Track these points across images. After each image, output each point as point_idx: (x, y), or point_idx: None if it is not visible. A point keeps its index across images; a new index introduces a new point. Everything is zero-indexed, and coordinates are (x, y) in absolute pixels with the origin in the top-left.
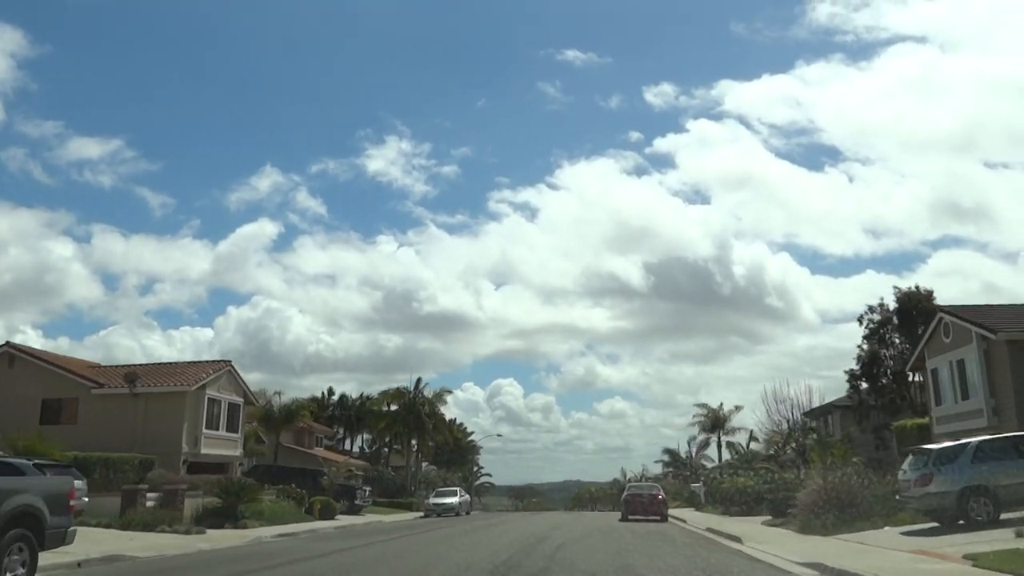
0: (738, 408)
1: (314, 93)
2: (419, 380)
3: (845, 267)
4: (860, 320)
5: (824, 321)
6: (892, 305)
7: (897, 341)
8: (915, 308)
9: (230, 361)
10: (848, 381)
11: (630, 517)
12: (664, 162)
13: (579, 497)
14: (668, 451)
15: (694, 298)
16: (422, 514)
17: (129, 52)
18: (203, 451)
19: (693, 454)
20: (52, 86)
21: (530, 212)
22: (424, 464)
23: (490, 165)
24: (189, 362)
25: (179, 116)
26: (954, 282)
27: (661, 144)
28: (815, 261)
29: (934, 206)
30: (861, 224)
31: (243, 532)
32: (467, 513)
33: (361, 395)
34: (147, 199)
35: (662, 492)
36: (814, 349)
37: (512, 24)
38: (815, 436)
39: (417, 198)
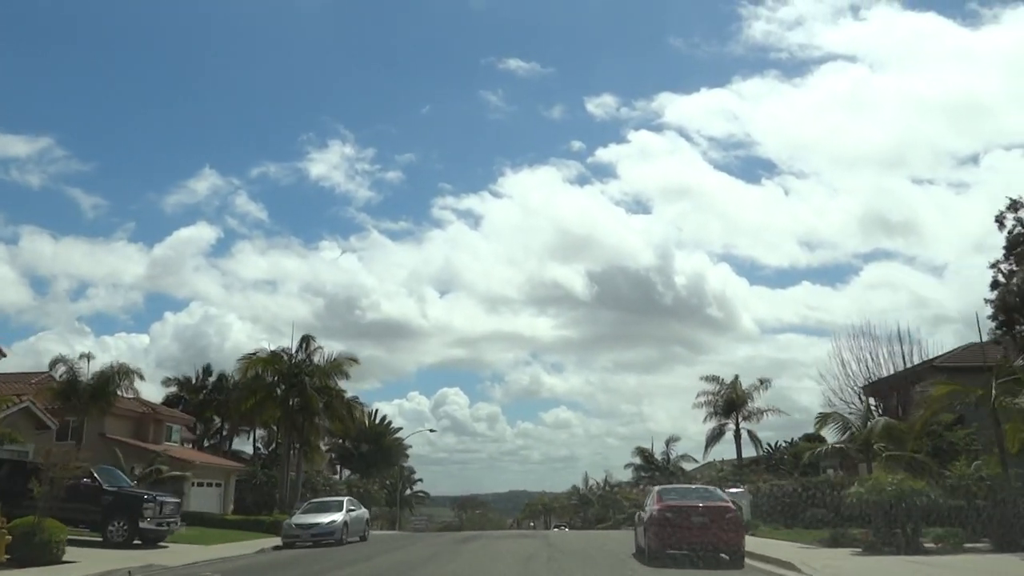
0: (764, 383)
1: (255, 94)
2: (307, 338)
3: (782, 278)
4: (1000, 222)
5: (763, 331)
6: None
7: None
8: None
9: None
10: (993, 317)
11: (670, 551)
12: (606, 172)
13: (531, 508)
14: (641, 451)
15: (637, 307)
16: (281, 543)
17: (59, 47)
18: None
19: (709, 448)
20: None
21: (474, 220)
22: (346, 472)
23: (434, 172)
24: None
25: (113, 114)
26: (884, 294)
27: (603, 154)
28: (753, 272)
29: (865, 220)
30: (796, 236)
31: None
32: (361, 538)
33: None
34: (79, 200)
35: (732, 504)
36: (754, 359)
37: (455, 31)
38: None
39: (360, 204)
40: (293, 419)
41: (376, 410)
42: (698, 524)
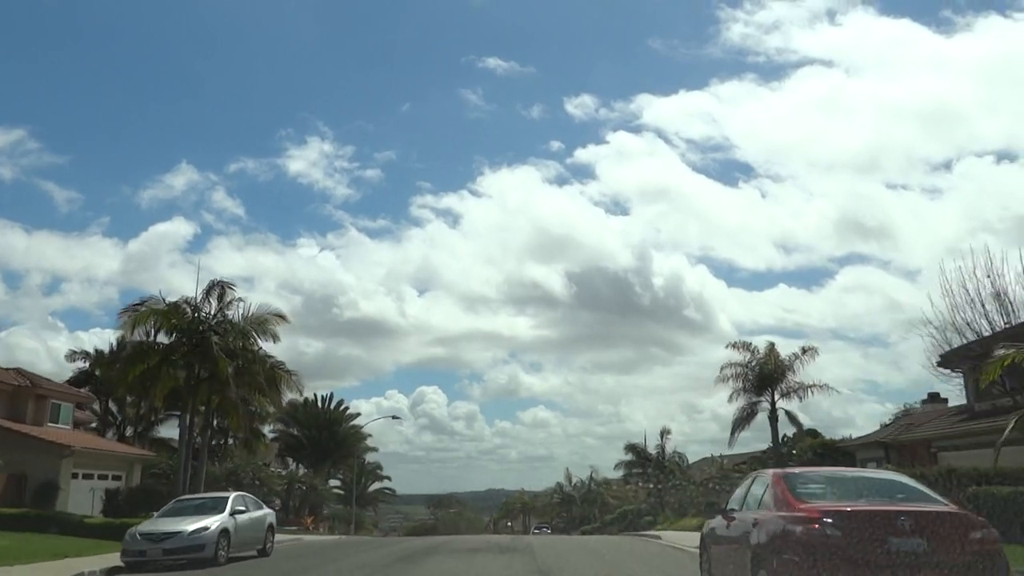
0: (808, 351)
1: (233, 89)
2: (219, 285)
3: (759, 281)
4: None
5: (740, 333)
6: None
7: None
8: None
9: None
10: None
11: None
12: (585, 172)
13: (509, 507)
14: (631, 447)
15: (615, 308)
16: (121, 562)
17: (34, 38)
18: None
19: (737, 433)
20: None
21: (452, 218)
22: (293, 463)
23: (413, 170)
24: None
25: (87, 107)
26: (859, 297)
27: (582, 155)
28: (730, 274)
29: (840, 224)
30: (773, 239)
31: None
32: (260, 552)
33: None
34: (52, 194)
35: (968, 510)
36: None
37: (434, 28)
38: None
39: (339, 201)
40: (198, 392)
41: (331, 394)
42: (908, 554)
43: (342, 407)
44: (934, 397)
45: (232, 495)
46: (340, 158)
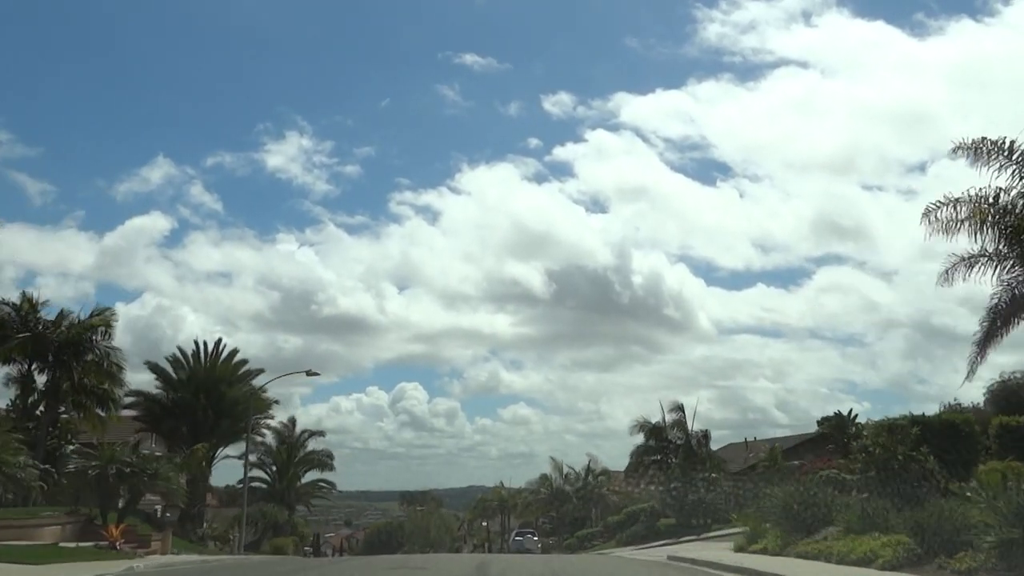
0: None
1: (210, 82)
2: None
3: (737, 280)
4: None
5: (720, 332)
6: None
7: None
8: None
9: None
10: None
11: None
12: (563, 170)
13: (485, 504)
14: (651, 429)
15: (595, 306)
16: None
17: (4, 27)
18: None
19: (987, 349)
20: None
21: (432, 215)
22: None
23: (392, 166)
24: None
25: (62, 99)
26: (836, 298)
27: (560, 152)
28: (709, 273)
29: (817, 224)
30: (751, 239)
31: None
32: None
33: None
34: (25, 186)
35: None
36: (710, 359)
37: (411, 24)
38: None
39: (317, 197)
40: None
41: (219, 341)
42: None
43: (234, 360)
44: None
45: None
46: (319, 153)
